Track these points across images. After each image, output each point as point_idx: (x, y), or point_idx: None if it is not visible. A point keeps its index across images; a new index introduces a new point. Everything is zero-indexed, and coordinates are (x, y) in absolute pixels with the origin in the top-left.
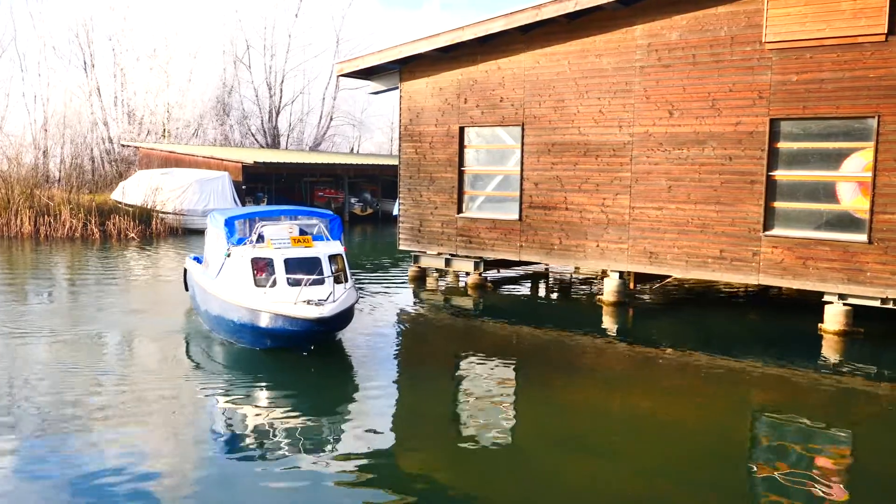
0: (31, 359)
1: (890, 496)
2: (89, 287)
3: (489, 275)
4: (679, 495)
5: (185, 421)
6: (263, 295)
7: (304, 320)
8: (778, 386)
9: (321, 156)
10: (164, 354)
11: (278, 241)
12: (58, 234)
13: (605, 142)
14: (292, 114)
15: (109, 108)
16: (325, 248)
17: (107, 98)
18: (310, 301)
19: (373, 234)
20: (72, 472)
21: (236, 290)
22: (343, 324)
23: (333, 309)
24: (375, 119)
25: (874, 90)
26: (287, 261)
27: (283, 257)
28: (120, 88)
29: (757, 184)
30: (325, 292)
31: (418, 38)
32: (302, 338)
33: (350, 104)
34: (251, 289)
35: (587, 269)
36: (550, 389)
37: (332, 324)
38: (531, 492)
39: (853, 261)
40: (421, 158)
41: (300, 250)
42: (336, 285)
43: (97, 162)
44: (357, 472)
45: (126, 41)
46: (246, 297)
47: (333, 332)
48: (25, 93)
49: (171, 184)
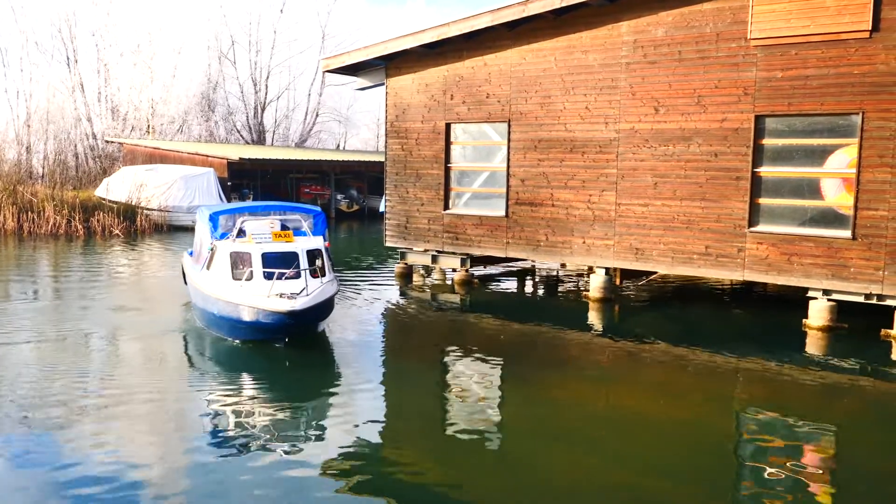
0: (15, 359)
1: (873, 490)
2: (73, 284)
3: (476, 271)
4: (664, 490)
5: (166, 417)
6: (240, 288)
7: (276, 313)
8: (762, 381)
9: (307, 152)
10: (149, 351)
11: (259, 235)
12: (41, 230)
13: (592, 138)
14: (278, 110)
15: (93, 103)
16: (305, 244)
17: (90, 94)
18: (282, 294)
19: (359, 231)
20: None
21: (216, 283)
22: (317, 317)
23: (305, 303)
24: (361, 115)
25: (858, 87)
26: (265, 255)
27: (260, 251)
28: (104, 84)
29: (742, 180)
30: (299, 286)
31: (404, 35)
32: (274, 330)
33: (336, 100)
34: (229, 282)
35: (573, 265)
36: (536, 385)
37: (304, 317)
38: (516, 486)
39: (837, 257)
40: (407, 155)
41: (278, 245)
42: (312, 279)
43: (81, 158)
44: (342, 467)
45: (109, 36)
46: (224, 290)
47: (307, 326)
48: (8, 88)
49: (156, 180)
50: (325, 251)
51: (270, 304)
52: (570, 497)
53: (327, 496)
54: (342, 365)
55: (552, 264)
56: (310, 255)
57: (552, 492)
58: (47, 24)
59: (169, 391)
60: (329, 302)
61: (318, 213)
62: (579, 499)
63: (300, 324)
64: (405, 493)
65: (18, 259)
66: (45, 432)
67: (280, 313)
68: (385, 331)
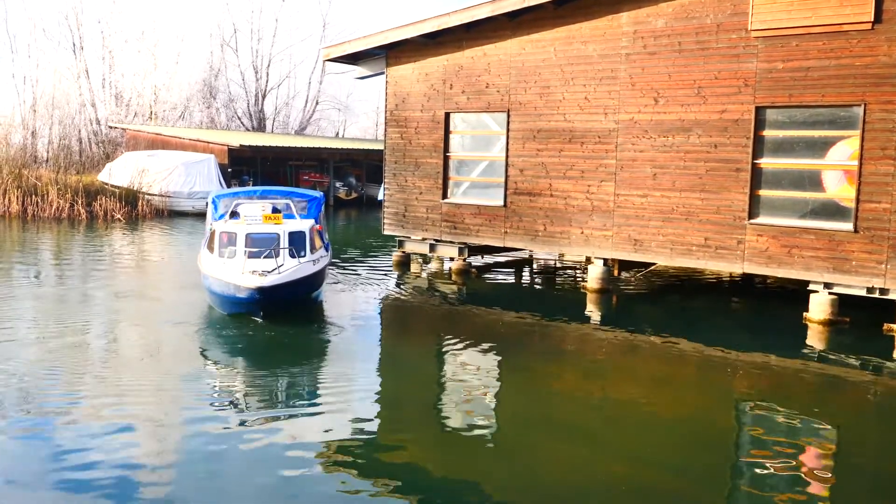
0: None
1: (874, 485)
2: (75, 269)
3: (473, 260)
4: (662, 482)
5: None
6: (223, 265)
7: (247, 288)
8: (762, 375)
9: (307, 139)
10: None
11: (251, 217)
12: (45, 214)
13: (591, 129)
14: (278, 97)
15: (97, 89)
16: (290, 226)
17: (95, 80)
18: (255, 271)
19: (357, 219)
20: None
21: (209, 260)
22: (291, 294)
23: (274, 280)
24: (361, 104)
25: (860, 78)
26: (248, 235)
27: (245, 232)
28: (108, 70)
29: (742, 172)
30: (273, 265)
31: (405, 24)
32: (248, 303)
33: (336, 88)
34: (216, 259)
35: (572, 255)
36: (534, 376)
37: (273, 293)
38: (514, 476)
39: (839, 249)
40: (406, 144)
41: (262, 226)
42: (290, 259)
43: (84, 143)
44: (337, 456)
45: (115, 24)
46: (213, 267)
47: (281, 301)
48: (15, 74)
49: (158, 166)
50: (310, 233)
51: (243, 280)
52: (568, 488)
53: (324, 485)
54: (338, 353)
55: (550, 255)
56: (293, 237)
57: (549, 483)
58: (55, 12)
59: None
60: (305, 279)
61: (312, 198)
62: (576, 490)
63: (270, 299)
64: (402, 483)
65: (23, 242)
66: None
67: (250, 288)
68: (381, 319)
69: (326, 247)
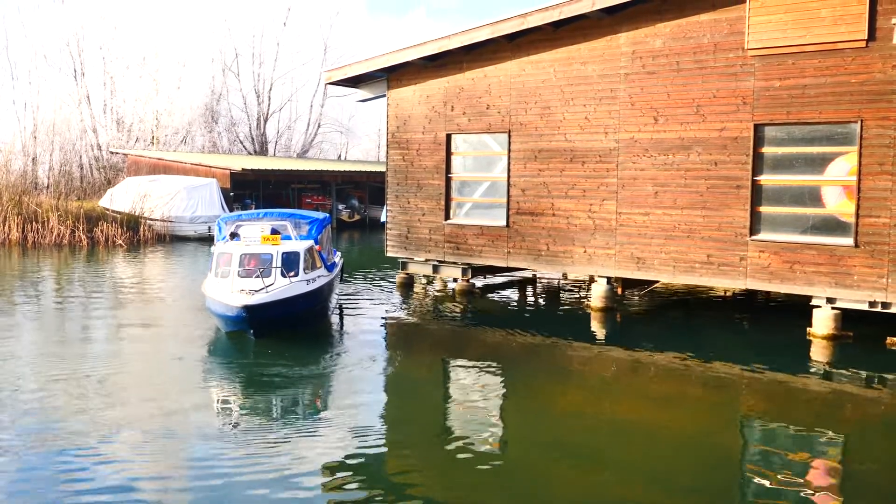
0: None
1: (882, 501)
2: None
3: (477, 281)
4: (669, 502)
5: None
6: (219, 284)
7: (234, 307)
8: (767, 391)
9: (309, 162)
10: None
11: (250, 239)
12: (45, 240)
13: (592, 148)
14: (280, 121)
15: (99, 115)
16: (284, 247)
17: (96, 105)
18: (242, 290)
19: (360, 241)
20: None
21: (209, 280)
22: (280, 312)
23: (259, 299)
24: (363, 126)
25: (856, 95)
26: (242, 256)
27: (239, 253)
28: (109, 96)
29: (742, 188)
30: (261, 284)
31: (405, 47)
32: (239, 322)
33: (338, 111)
34: (213, 279)
35: (575, 274)
36: (538, 395)
37: (261, 311)
38: (521, 498)
39: (840, 264)
40: (408, 165)
41: (257, 247)
42: (281, 279)
43: (86, 169)
44: (341, 476)
45: (116, 49)
46: (211, 287)
47: (271, 319)
48: (16, 100)
49: (160, 190)
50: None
51: (230, 298)
52: None
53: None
54: (343, 374)
55: (553, 274)
56: (286, 258)
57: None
58: (56, 38)
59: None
60: (296, 298)
61: (313, 220)
62: None
63: (258, 317)
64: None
65: (23, 270)
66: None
67: (236, 307)
68: (386, 341)
69: (330, 267)
